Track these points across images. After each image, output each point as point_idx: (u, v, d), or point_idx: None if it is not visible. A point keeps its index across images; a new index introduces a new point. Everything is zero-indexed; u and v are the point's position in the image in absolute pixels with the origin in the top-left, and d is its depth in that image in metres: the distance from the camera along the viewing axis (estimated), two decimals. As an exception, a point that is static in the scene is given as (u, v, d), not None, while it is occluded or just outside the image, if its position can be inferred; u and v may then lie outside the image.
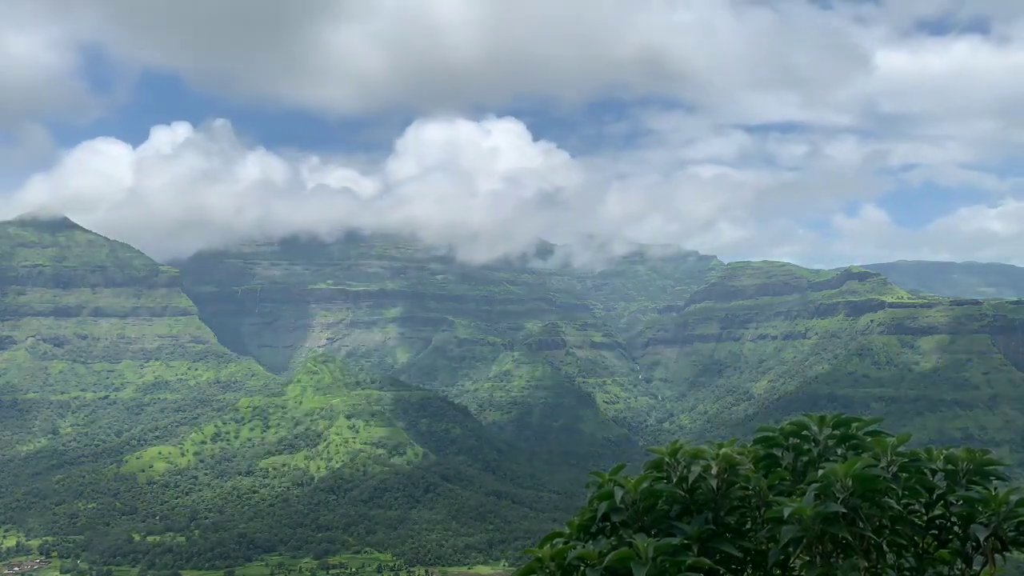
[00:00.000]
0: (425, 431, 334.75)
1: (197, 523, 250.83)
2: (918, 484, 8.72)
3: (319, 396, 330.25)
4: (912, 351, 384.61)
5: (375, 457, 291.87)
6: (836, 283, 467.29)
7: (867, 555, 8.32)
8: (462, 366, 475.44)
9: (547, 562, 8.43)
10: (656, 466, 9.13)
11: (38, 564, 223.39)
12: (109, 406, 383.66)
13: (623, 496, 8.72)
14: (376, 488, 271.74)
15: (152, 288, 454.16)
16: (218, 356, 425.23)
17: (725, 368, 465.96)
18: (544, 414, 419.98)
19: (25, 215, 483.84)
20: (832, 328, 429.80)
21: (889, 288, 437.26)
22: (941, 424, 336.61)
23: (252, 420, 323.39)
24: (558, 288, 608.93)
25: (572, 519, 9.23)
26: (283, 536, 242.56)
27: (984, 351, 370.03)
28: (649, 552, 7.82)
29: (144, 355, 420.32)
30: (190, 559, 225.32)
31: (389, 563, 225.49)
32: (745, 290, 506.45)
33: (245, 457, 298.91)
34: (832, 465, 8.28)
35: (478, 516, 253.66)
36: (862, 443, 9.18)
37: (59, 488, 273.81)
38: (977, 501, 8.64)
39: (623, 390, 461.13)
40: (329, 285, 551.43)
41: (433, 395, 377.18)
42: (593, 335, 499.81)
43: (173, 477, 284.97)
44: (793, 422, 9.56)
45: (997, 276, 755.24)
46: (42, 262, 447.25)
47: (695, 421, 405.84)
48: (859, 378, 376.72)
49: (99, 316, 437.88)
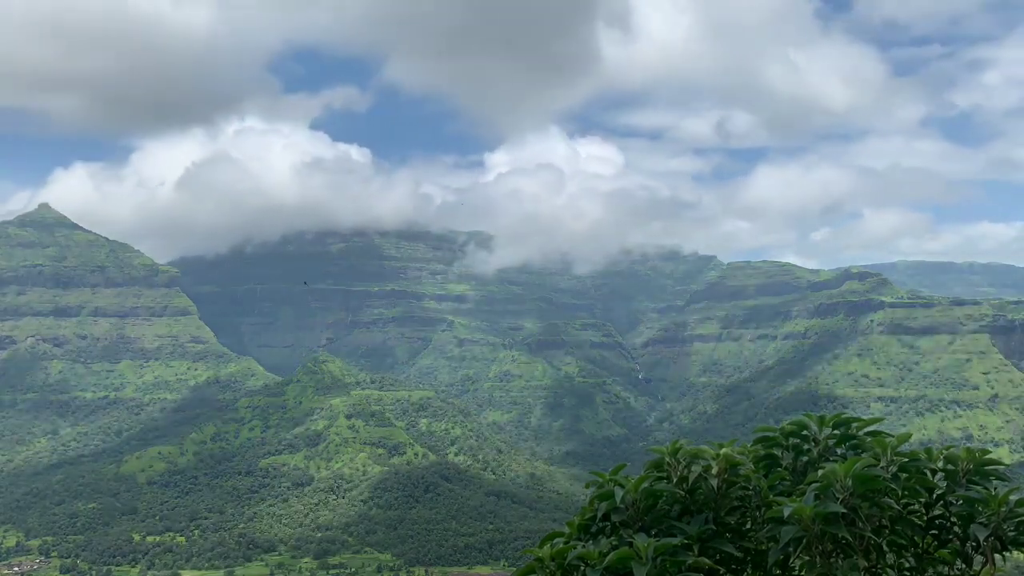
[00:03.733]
0: (425, 431, 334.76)
1: (197, 523, 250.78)
2: (918, 484, 8.71)
3: (319, 396, 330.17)
4: (912, 351, 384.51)
5: (375, 457, 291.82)
6: (836, 283, 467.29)
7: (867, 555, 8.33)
8: (462, 366, 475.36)
9: (547, 562, 8.43)
10: (656, 466, 9.14)
11: (38, 564, 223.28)
12: (109, 406, 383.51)
13: (623, 496, 8.72)
14: (376, 488, 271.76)
15: (152, 288, 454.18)
16: (218, 356, 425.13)
17: (725, 368, 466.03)
18: (544, 414, 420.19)
19: (25, 215, 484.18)
20: (832, 328, 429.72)
21: (889, 288, 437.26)
22: (941, 424, 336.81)
23: (252, 420, 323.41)
24: (558, 288, 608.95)
25: (572, 519, 9.24)
26: (283, 536, 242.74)
27: (984, 351, 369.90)
28: (649, 552, 7.83)
29: (144, 355, 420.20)
30: (190, 559, 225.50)
31: (389, 563, 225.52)
32: (745, 290, 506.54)
33: (245, 457, 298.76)
34: (832, 465, 8.28)
35: (478, 516, 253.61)
36: (862, 443, 9.19)
37: (59, 488, 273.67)
38: (977, 501, 8.64)
39: (623, 390, 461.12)
40: (329, 285, 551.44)
41: (433, 395, 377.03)
42: (593, 335, 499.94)
43: (173, 477, 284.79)
44: (793, 422, 9.56)
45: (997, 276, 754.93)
46: (42, 262, 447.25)
47: (695, 421, 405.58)
48: (859, 378, 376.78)
49: (99, 316, 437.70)
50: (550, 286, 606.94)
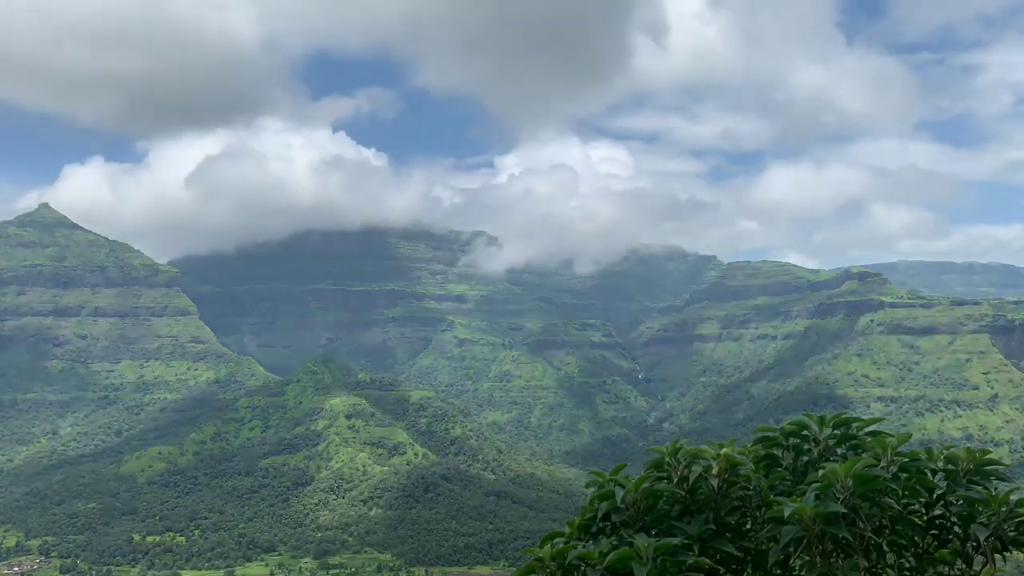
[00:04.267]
0: (425, 431, 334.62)
1: (197, 523, 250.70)
2: (918, 484, 8.70)
3: (319, 396, 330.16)
4: (912, 351, 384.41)
5: (375, 457, 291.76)
6: (836, 283, 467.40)
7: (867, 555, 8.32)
8: (462, 366, 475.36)
9: (547, 562, 8.43)
10: (656, 466, 9.14)
11: (38, 564, 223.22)
12: (109, 406, 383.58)
13: (624, 496, 8.72)
14: (376, 488, 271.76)
15: (152, 288, 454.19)
16: (218, 356, 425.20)
17: (725, 368, 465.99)
18: (544, 414, 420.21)
19: (25, 215, 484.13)
20: (832, 328, 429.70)
21: (889, 288, 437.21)
22: (941, 424, 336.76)
23: (252, 420, 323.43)
24: (558, 288, 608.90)
25: (572, 519, 9.24)
26: (283, 536, 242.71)
27: (984, 351, 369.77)
28: (649, 552, 7.82)
29: (144, 355, 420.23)
30: (190, 559, 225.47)
31: (389, 563, 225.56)
32: (745, 290, 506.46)
33: (245, 457, 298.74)
34: (832, 465, 8.27)
35: (478, 516, 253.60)
36: (862, 443, 9.18)
37: (59, 488, 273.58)
38: (977, 501, 8.63)
39: (623, 390, 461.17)
40: (329, 285, 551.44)
41: (433, 395, 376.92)
42: (593, 335, 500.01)
43: (173, 477, 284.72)
44: (793, 422, 9.56)
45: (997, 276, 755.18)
46: (42, 262, 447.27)
47: (695, 421, 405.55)
48: (859, 378, 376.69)
49: (99, 316, 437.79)
50: (551, 286, 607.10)
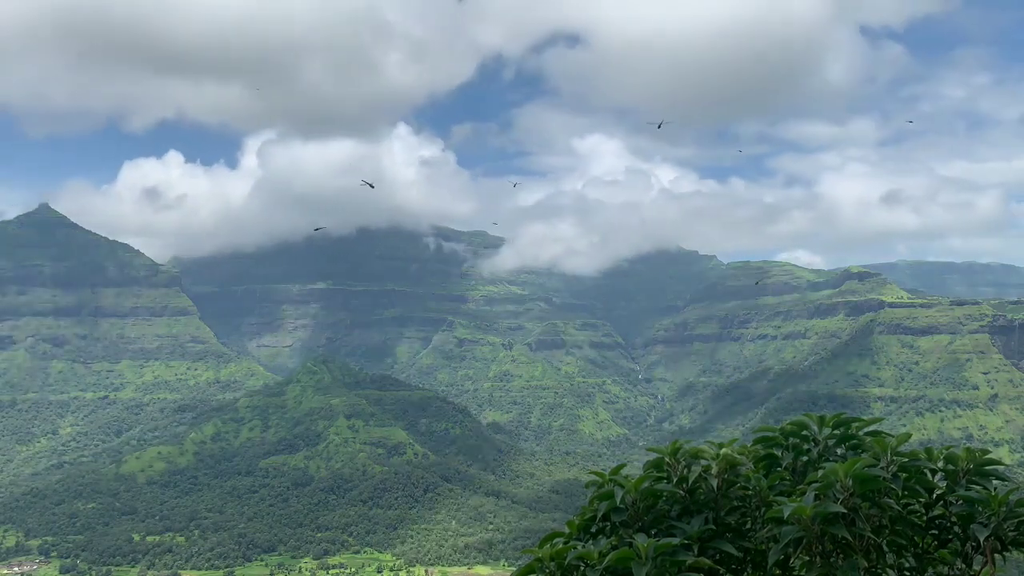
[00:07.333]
0: (425, 431, 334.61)
1: (197, 523, 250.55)
2: (918, 484, 8.71)
3: (319, 396, 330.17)
4: (912, 351, 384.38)
5: (375, 457, 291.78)
6: (836, 283, 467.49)
7: (867, 555, 8.32)
8: (462, 366, 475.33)
9: (547, 562, 8.43)
10: (656, 466, 9.15)
11: (38, 564, 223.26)
12: (109, 406, 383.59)
13: (623, 496, 8.72)
14: (376, 488, 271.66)
15: (152, 288, 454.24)
16: (218, 356, 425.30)
17: (725, 368, 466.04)
18: (544, 414, 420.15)
19: (25, 215, 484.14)
20: (832, 328, 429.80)
21: (889, 288, 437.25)
22: (941, 424, 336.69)
23: (252, 420, 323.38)
24: (558, 288, 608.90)
25: (572, 519, 9.24)
26: (283, 536, 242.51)
27: (984, 351, 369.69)
28: (649, 552, 7.82)
29: (144, 355, 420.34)
30: (190, 559, 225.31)
31: (389, 563, 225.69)
32: (745, 290, 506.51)
33: (245, 457, 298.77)
34: (832, 465, 8.27)
35: (478, 516, 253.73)
36: (862, 443, 9.18)
37: (59, 488, 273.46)
38: (977, 501, 8.63)
39: (623, 390, 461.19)
40: (329, 285, 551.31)
41: (433, 395, 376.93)
42: (593, 335, 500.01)
43: (173, 477, 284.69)
44: (793, 422, 9.56)
45: (997, 276, 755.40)
46: (42, 262, 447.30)
47: (695, 421, 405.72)
48: (859, 378, 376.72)
49: (99, 316, 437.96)
50: (551, 286, 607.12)
